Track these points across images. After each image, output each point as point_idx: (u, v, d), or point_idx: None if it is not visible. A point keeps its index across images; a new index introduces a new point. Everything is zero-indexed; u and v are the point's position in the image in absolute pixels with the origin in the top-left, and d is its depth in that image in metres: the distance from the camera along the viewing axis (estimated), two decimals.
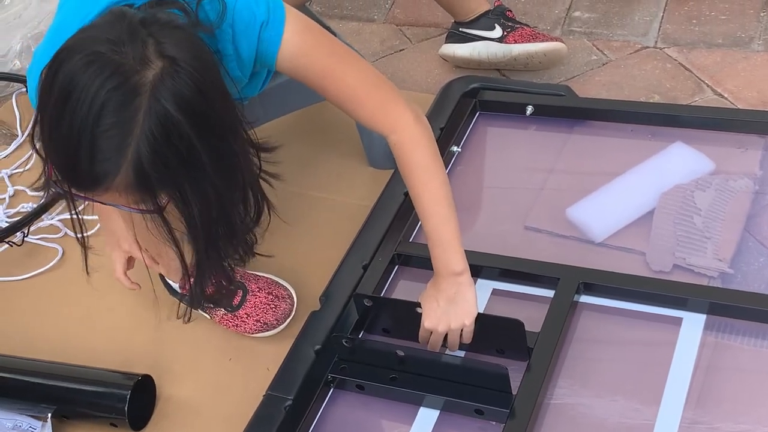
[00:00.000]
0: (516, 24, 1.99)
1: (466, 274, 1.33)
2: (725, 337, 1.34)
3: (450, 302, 1.32)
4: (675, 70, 1.96)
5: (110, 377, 1.45)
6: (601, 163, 1.69)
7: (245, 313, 1.53)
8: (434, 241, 1.33)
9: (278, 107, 1.70)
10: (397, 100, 1.30)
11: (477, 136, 1.80)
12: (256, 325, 1.52)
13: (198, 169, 1.05)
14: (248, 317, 1.53)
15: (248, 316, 1.53)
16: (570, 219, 1.58)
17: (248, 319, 1.53)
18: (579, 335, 1.38)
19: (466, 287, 1.32)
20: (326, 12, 2.32)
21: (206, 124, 1.03)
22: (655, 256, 1.48)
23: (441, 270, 1.33)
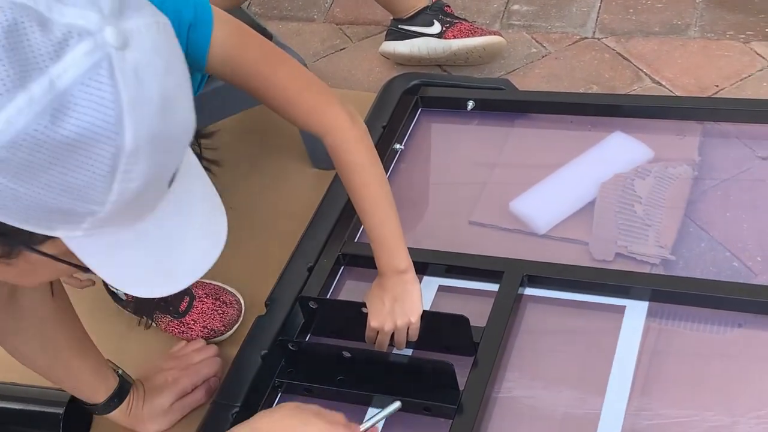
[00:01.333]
0: (455, 19, 1.99)
1: (411, 271, 1.32)
2: (668, 324, 1.35)
3: (395, 301, 1.31)
4: (613, 59, 1.97)
5: (44, 394, 1.41)
6: (543, 155, 1.70)
7: (192, 320, 1.52)
8: (376, 240, 1.33)
9: (217, 111, 1.69)
10: (331, 101, 1.29)
11: (419, 133, 1.80)
12: (203, 331, 1.51)
13: None
14: (195, 323, 1.52)
15: (195, 322, 1.52)
16: (513, 212, 1.59)
17: (195, 326, 1.52)
18: (524, 328, 1.38)
19: (410, 285, 1.32)
20: (265, 13, 2.31)
21: None
22: (598, 245, 1.49)
23: (385, 269, 1.33)
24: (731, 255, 1.45)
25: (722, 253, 1.46)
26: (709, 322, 1.34)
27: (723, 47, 1.94)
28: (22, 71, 0.63)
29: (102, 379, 1.32)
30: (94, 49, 0.65)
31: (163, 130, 0.69)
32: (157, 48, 0.70)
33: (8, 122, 0.63)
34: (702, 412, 1.23)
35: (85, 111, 0.65)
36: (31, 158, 0.65)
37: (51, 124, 0.64)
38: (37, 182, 0.66)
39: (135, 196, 0.70)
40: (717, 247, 1.47)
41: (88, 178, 0.67)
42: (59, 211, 0.68)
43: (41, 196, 0.67)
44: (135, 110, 0.67)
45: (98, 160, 0.66)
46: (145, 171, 0.69)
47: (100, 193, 0.68)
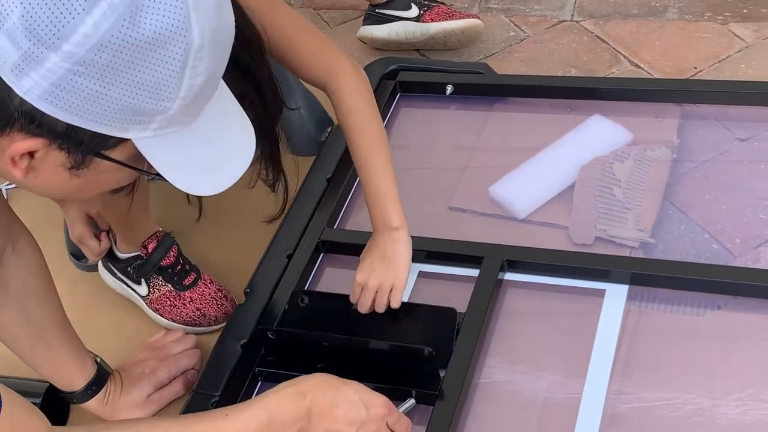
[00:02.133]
0: (432, 2, 1.98)
1: (403, 229, 1.32)
2: (648, 307, 1.35)
3: (383, 259, 1.31)
4: (592, 42, 1.97)
5: (21, 386, 1.38)
6: (522, 139, 1.69)
7: (190, 297, 1.51)
8: (371, 192, 1.33)
9: None
10: (335, 49, 1.33)
11: (398, 118, 1.79)
12: (195, 313, 1.50)
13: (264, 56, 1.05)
14: (191, 302, 1.51)
15: (192, 301, 1.51)
16: (493, 197, 1.58)
17: (189, 305, 1.50)
18: (505, 313, 1.38)
19: (401, 245, 1.32)
20: None
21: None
22: (577, 229, 1.49)
23: (378, 224, 1.33)
24: (710, 237, 1.46)
25: (701, 236, 1.46)
26: (689, 305, 1.34)
27: (701, 29, 1.94)
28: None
29: (81, 364, 1.31)
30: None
31: (219, 27, 0.78)
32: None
33: (95, 26, 0.70)
34: (683, 395, 1.23)
35: (159, 11, 0.72)
36: (116, 59, 0.72)
37: (131, 25, 0.71)
38: (119, 82, 0.73)
39: (199, 90, 0.78)
40: (696, 230, 1.47)
41: (164, 74, 0.75)
42: (136, 111, 0.76)
43: (122, 96, 0.74)
44: (199, 9, 0.75)
45: (172, 56, 0.74)
46: (208, 67, 0.78)
47: (172, 89, 0.76)
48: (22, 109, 0.74)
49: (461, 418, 1.25)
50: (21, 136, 0.76)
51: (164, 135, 0.80)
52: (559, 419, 1.23)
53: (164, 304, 1.52)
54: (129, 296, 1.58)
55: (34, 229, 1.54)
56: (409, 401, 1.24)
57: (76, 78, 0.72)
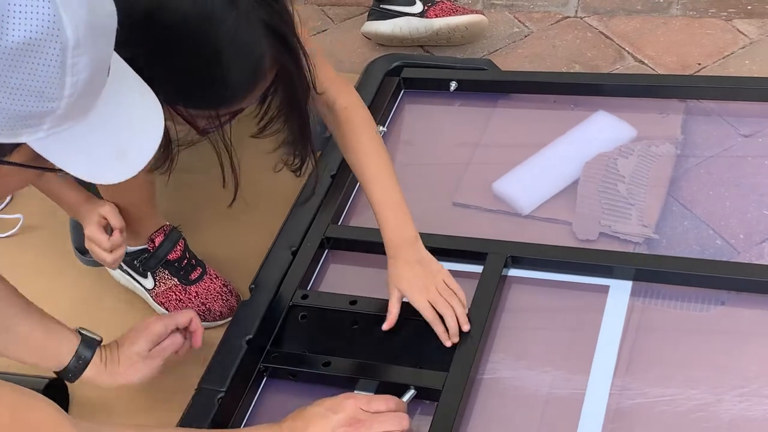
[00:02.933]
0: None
1: (420, 240, 1.33)
2: (652, 303, 1.35)
3: (423, 265, 1.32)
4: (596, 38, 1.97)
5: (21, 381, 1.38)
6: (526, 135, 1.69)
7: (195, 292, 1.52)
8: (385, 205, 1.33)
9: None
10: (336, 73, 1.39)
11: (402, 115, 1.79)
12: (200, 308, 1.51)
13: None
14: (196, 297, 1.51)
15: (197, 296, 1.51)
16: (496, 193, 1.59)
17: (195, 299, 1.51)
18: (509, 309, 1.39)
19: (427, 253, 1.33)
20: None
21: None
22: (581, 225, 1.49)
23: (395, 239, 1.32)
24: (714, 233, 1.46)
25: (705, 231, 1.46)
26: (692, 300, 1.34)
27: (705, 25, 1.94)
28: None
29: (60, 339, 1.28)
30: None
31: (95, 20, 0.75)
32: None
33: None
34: (686, 390, 1.24)
35: (25, 16, 0.70)
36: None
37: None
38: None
39: (85, 85, 0.76)
40: (700, 225, 1.47)
41: (43, 77, 0.73)
42: (22, 116, 0.74)
43: (4, 105, 0.72)
44: (68, 6, 0.72)
45: (49, 58, 0.72)
46: (90, 62, 0.76)
47: (56, 89, 0.74)
48: None
49: (465, 414, 1.25)
50: None
51: (58, 133, 0.78)
52: (563, 415, 1.24)
53: (170, 298, 1.53)
54: (134, 289, 1.58)
55: (39, 224, 1.56)
56: (410, 391, 1.25)
57: None
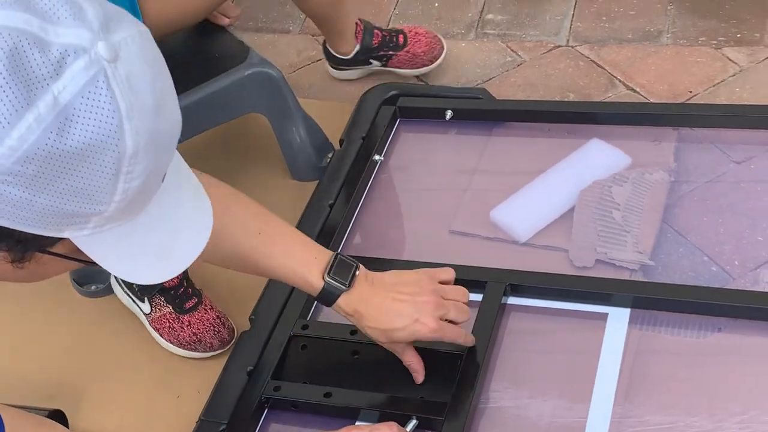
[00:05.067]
0: (389, 49, 2.01)
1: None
2: (650, 329, 1.36)
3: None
4: (588, 67, 2.00)
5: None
6: (521, 163, 1.71)
7: (188, 321, 1.52)
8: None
9: (194, 125, 1.69)
10: None
11: (399, 144, 1.81)
12: (191, 338, 1.51)
13: None
14: (189, 326, 1.52)
15: (190, 325, 1.52)
16: (494, 221, 1.60)
17: (187, 329, 1.52)
18: (509, 337, 1.39)
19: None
20: (241, 25, 2.30)
21: None
22: (578, 252, 1.51)
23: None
24: (709, 259, 1.47)
25: (700, 258, 1.48)
26: (690, 327, 1.36)
27: (695, 53, 1.97)
28: (28, 91, 0.69)
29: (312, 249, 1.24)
30: (89, 64, 0.71)
31: (157, 130, 0.75)
32: (143, 56, 0.75)
33: (21, 139, 0.69)
34: (686, 418, 1.25)
35: (88, 122, 0.71)
36: (43, 169, 0.70)
37: (58, 137, 0.70)
38: (49, 191, 0.72)
39: (136, 193, 0.76)
40: (695, 252, 1.49)
41: (95, 182, 0.73)
42: (69, 214, 0.74)
43: (53, 203, 0.72)
44: (132, 116, 0.72)
45: (103, 165, 0.72)
46: (145, 169, 0.75)
47: (106, 194, 0.74)
48: None
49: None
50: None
51: (103, 231, 0.78)
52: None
53: (164, 324, 1.54)
54: (134, 311, 1.59)
55: None
56: (412, 421, 1.25)
57: (3, 187, 0.70)
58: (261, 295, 1.49)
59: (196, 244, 0.87)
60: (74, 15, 0.71)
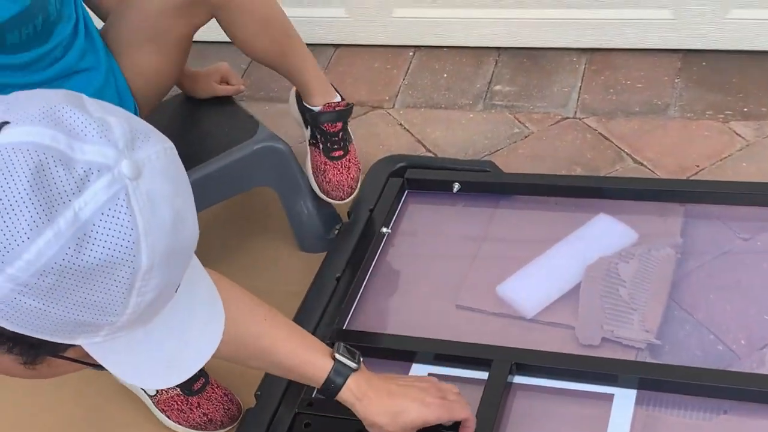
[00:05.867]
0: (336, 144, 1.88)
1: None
2: (656, 411, 1.36)
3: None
4: (595, 139, 2.01)
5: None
6: (528, 237, 1.72)
7: (197, 402, 1.52)
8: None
9: (203, 200, 1.70)
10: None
11: (406, 216, 1.82)
12: (201, 418, 1.51)
13: None
14: (198, 408, 1.52)
15: (198, 406, 1.52)
16: (501, 296, 1.60)
17: (196, 410, 1.52)
18: (514, 417, 1.39)
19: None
20: (253, 95, 2.34)
21: None
22: (584, 330, 1.51)
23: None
24: (715, 338, 1.47)
25: (707, 336, 1.48)
26: (696, 409, 1.35)
27: (702, 127, 1.98)
28: (49, 207, 0.70)
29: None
30: (112, 182, 0.72)
31: (174, 246, 0.76)
32: (166, 173, 0.76)
33: (39, 254, 0.70)
34: None
35: (106, 239, 0.72)
36: (59, 283, 0.71)
37: (76, 253, 0.71)
38: (63, 302, 0.73)
39: (148, 305, 0.77)
40: (701, 330, 1.49)
41: (108, 296, 0.74)
42: (82, 324, 0.75)
43: (66, 314, 0.73)
44: (150, 234, 0.74)
45: (118, 280, 0.73)
46: (158, 284, 0.76)
47: (118, 307, 0.75)
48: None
49: None
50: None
51: (114, 339, 0.79)
52: None
53: (172, 406, 1.53)
54: (137, 393, 1.59)
55: None
56: None
57: (19, 297, 0.72)
58: (266, 372, 1.49)
59: (205, 352, 0.88)
60: (101, 133, 0.73)
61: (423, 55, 2.35)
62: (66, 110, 0.73)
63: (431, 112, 2.18)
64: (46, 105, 0.73)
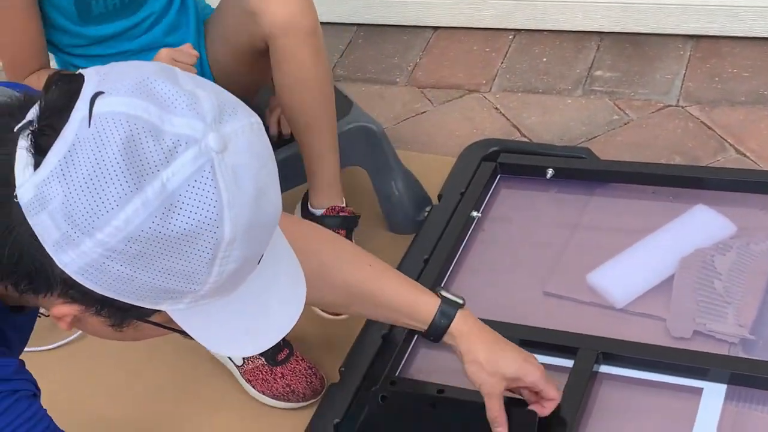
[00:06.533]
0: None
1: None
2: (746, 407, 1.32)
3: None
4: (697, 129, 1.95)
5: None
6: (622, 226, 1.68)
7: (281, 373, 1.54)
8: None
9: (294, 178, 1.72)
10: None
11: (497, 200, 1.80)
12: (284, 389, 1.53)
13: None
14: (282, 378, 1.54)
15: (282, 377, 1.54)
16: (591, 285, 1.57)
17: (280, 380, 1.54)
18: (598, 407, 1.36)
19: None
20: (349, 75, 2.34)
21: None
22: (676, 322, 1.47)
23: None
24: None
25: None
26: None
27: None
28: (138, 176, 0.73)
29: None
30: (198, 154, 0.74)
31: (257, 220, 0.78)
32: (251, 147, 0.78)
33: (127, 221, 0.73)
34: None
35: (191, 209, 0.74)
36: (144, 249, 0.74)
37: (162, 222, 0.74)
38: (149, 268, 0.76)
39: (231, 275, 0.79)
40: None
41: (192, 264, 0.76)
42: (166, 291, 0.78)
43: (151, 280, 0.76)
44: (233, 206, 0.75)
45: (201, 249, 0.76)
46: (241, 255, 0.78)
47: (201, 275, 0.77)
48: (62, 277, 0.77)
49: None
50: (61, 300, 0.81)
51: (197, 307, 0.81)
52: None
53: (257, 376, 1.55)
54: (225, 363, 1.62)
55: None
56: None
57: (108, 262, 0.75)
58: (351, 348, 1.50)
59: (285, 323, 0.90)
60: (191, 106, 0.75)
61: (522, 38, 2.32)
62: (158, 82, 0.75)
63: (528, 97, 2.15)
64: (140, 76, 0.76)
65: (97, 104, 0.74)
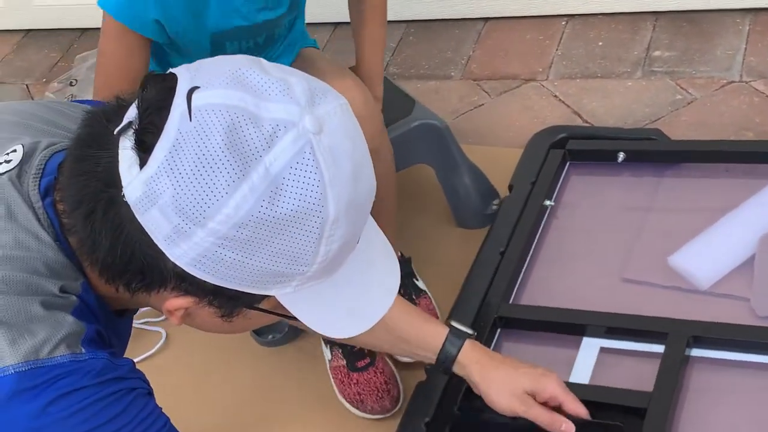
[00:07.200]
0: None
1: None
2: None
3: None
4: (763, 103, 1.92)
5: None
6: (697, 207, 1.65)
7: (357, 380, 1.55)
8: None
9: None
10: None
11: (569, 188, 1.78)
12: (355, 396, 1.54)
13: None
14: (356, 385, 1.54)
15: (357, 384, 1.54)
16: (673, 267, 1.55)
17: (354, 387, 1.54)
18: (693, 392, 1.34)
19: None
20: (403, 73, 2.34)
21: None
22: (760, 301, 1.44)
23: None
24: None
25: None
26: None
27: None
28: (243, 163, 0.75)
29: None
30: (297, 137, 0.76)
31: (356, 197, 0.80)
32: (344, 127, 0.80)
33: (236, 207, 0.75)
34: None
35: (296, 190, 0.76)
36: (255, 234, 0.76)
37: (269, 205, 0.76)
38: (260, 253, 0.78)
39: (335, 255, 0.81)
40: None
41: (300, 245, 0.78)
42: (276, 274, 0.80)
43: (263, 264, 0.78)
44: (335, 185, 0.78)
45: (309, 229, 0.78)
46: (344, 233, 0.81)
47: (309, 256, 0.79)
48: (174, 271, 0.79)
49: None
50: (174, 294, 0.82)
51: (304, 289, 0.83)
52: None
53: (337, 376, 1.57)
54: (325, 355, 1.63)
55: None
56: None
57: (220, 250, 0.77)
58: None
59: (384, 301, 0.92)
60: (284, 91, 0.77)
61: (576, 24, 2.30)
62: (249, 72, 0.78)
63: (587, 82, 2.13)
64: (231, 69, 0.78)
65: (194, 98, 0.76)
